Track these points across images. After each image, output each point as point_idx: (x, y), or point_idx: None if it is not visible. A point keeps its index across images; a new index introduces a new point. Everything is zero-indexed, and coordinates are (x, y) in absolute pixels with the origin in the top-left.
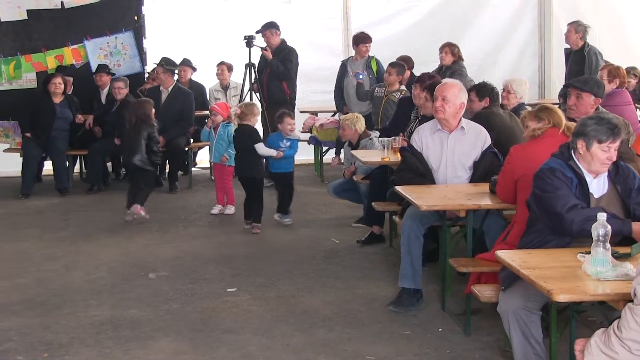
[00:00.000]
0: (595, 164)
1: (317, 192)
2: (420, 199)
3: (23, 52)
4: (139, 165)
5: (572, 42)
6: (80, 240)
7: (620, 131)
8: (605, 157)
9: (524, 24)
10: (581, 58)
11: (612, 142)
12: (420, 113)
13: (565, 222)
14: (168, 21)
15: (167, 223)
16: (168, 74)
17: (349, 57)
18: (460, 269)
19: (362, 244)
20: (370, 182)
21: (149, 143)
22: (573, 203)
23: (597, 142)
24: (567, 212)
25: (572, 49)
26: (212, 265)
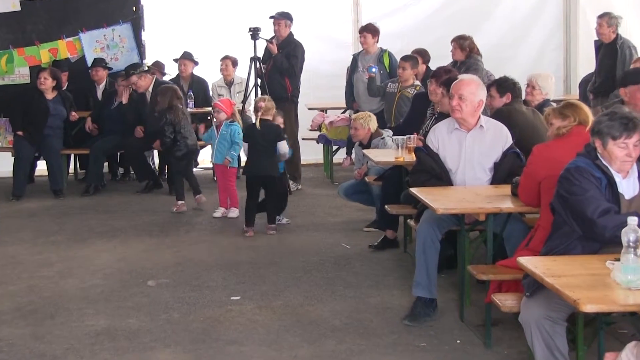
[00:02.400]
0: (615, 162)
1: (327, 194)
2: (436, 201)
3: (16, 46)
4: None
5: (603, 35)
6: (75, 245)
7: (637, 125)
8: (623, 154)
9: (547, 14)
10: (613, 51)
11: (627, 137)
12: (437, 110)
13: (597, 228)
14: (168, 12)
15: (167, 227)
16: (144, 76)
17: (360, 50)
18: (479, 276)
19: (374, 250)
20: (383, 184)
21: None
22: (605, 207)
23: (612, 138)
24: (599, 216)
25: (603, 42)
26: (214, 272)
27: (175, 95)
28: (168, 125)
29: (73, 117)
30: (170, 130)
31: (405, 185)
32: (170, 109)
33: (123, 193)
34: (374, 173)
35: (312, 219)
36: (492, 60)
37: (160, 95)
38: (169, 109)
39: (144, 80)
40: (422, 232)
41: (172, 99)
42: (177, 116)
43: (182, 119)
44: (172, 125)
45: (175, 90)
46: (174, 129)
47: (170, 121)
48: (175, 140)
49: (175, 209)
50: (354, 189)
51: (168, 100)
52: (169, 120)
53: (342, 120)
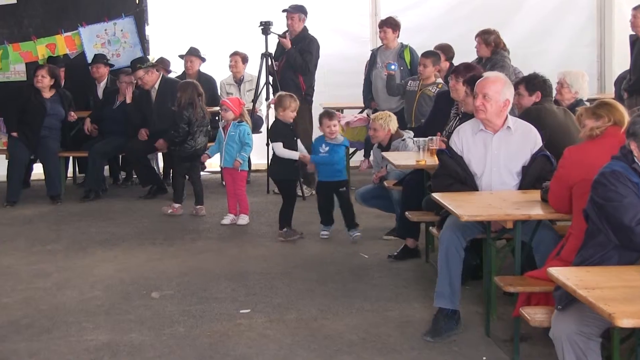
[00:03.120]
0: None
1: None
2: (461, 207)
3: (11, 41)
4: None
5: (638, 28)
6: (74, 255)
7: None
8: None
9: (579, 6)
10: None
11: None
12: (461, 110)
13: (635, 237)
14: (174, 5)
15: (171, 235)
16: (151, 71)
17: (379, 46)
18: (507, 288)
19: (394, 260)
20: (404, 189)
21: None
22: None
23: None
24: (637, 224)
25: (639, 36)
26: (223, 283)
27: (197, 92)
28: (183, 120)
29: (72, 117)
30: (184, 128)
31: (427, 190)
32: (191, 105)
33: (125, 199)
34: (393, 177)
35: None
36: (520, 57)
37: (180, 90)
38: (190, 105)
39: (150, 76)
40: (445, 240)
41: (194, 95)
42: (196, 114)
43: (200, 118)
44: (188, 122)
45: (196, 86)
46: (188, 128)
47: (188, 118)
48: (184, 140)
49: (171, 210)
50: (372, 194)
51: (189, 95)
52: (186, 117)
53: (359, 120)
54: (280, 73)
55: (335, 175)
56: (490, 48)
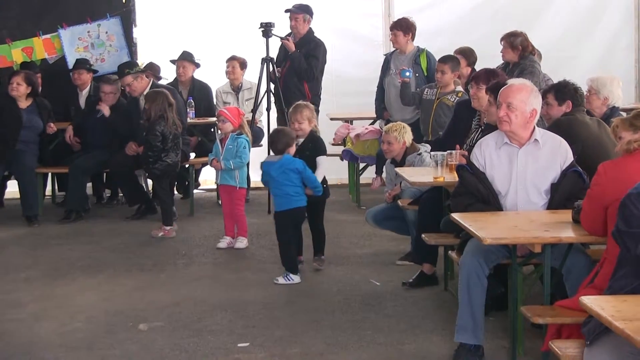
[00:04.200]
0: None
1: (353, 220)
2: (483, 229)
3: None
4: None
5: None
6: (53, 282)
7: None
8: None
9: (615, 7)
10: None
11: None
12: (484, 121)
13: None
14: (164, 5)
15: (162, 260)
16: (141, 77)
17: (393, 50)
18: (535, 319)
19: (409, 287)
20: (420, 209)
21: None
22: None
23: None
24: None
25: None
26: (218, 314)
27: (167, 101)
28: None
29: (51, 129)
30: (157, 145)
31: (445, 210)
32: (162, 118)
33: (110, 219)
34: (408, 195)
35: (335, 251)
36: (550, 62)
37: (149, 101)
38: (161, 118)
39: (139, 82)
40: (466, 266)
41: (164, 106)
42: (169, 127)
43: (173, 131)
44: (162, 138)
45: (166, 96)
46: (162, 144)
47: (162, 133)
48: (158, 157)
49: (162, 233)
50: (385, 215)
51: (159, 106)
52: (159, 131)
53: (370, 132)
54: (283, 80)
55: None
56: (517, 52)
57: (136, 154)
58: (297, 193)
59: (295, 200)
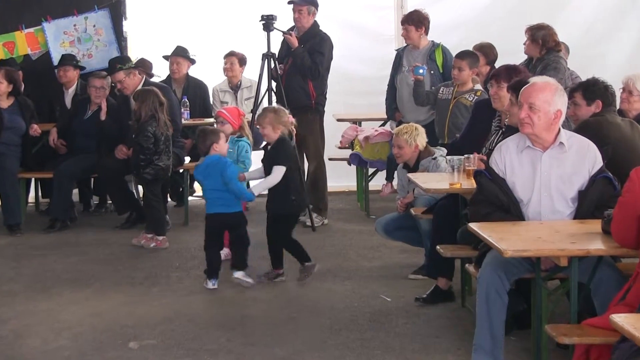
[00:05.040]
0: None
1: (361, 230)
2: (504, 240)
3: None
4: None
5: None
6: (36, 296)
7: None
8: None
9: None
10: None
11: None
12: (504, 122)
13: None
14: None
15: (154, 272)
16: (133, 73)
17: (406, 45)
18: (561, 339)
19: (422, 303)
20: (434, 218)
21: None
22: None
23: None
24: None
25: None
26: (215, 331)
27: (158, 100)
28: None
29: (34, 130)
30: (149, 148)
31: (462, 219)
32: (153, 118)
33: (98, 229)
34: (422, 204)
35: (342, 263)
36: (577, 58)
37: (138, 100)
38: (152, 118)
39: (132, 80)
40: (485, 280)
41: (155, 105)
42: (160, 128)
43: (165, 133)
44: (154, 140)
45: (157, 94)
46: (154, 147)
47: (154, 135)
48: (150, 161)
49: (154, 244)
50: (396, 225)
51: (150, 106)
52: (151, 133)
53: (380, 135)
54: (285, 78)
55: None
56: (541, 47)
57: (126, 158)
58: (220, 197)
59: (219, 204)
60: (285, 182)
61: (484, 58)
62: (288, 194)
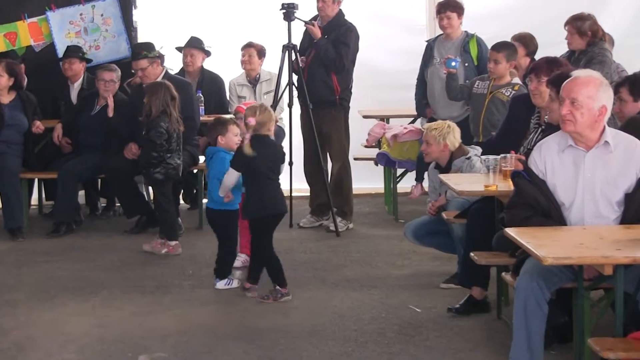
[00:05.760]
0: None
1: (389, 235)
2: (543, 247)
3: None
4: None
5: None
6: (39, 306)
7: None
8: None
9: None
10: None
11: None
12: (544, 119)
13: None
14: None
15: (166, 281)
16: (155, 64)
17: (437, 35)
18: (605, 354)
19: (455, 314)
20: (468, 222)
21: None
22: None
23: None
24: None
25: None
26: (231, 344)
27: (170, 95)
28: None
29: (37, 128)
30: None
31: (498, 224)
32: (165, 114)
33: (105, 233)
34: (455, 207)
35: (368, 271)
36: (624, 50)
37: (149, 93)
38: (164, 114)
39: (155, 69)
40: (523, 289)
41: (167, 99)
42: (172, 124)
43: (175, 129)
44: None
45: (168, 88)
46: (167, 144)
47: (167, 131)
48: (162, 159)
49: (165, 250)
50: (427, 230)
51: (161, 100)
52: (164, 129)
53: (410, 132)
54: (307, 71)
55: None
56: (585, 39)
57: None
58: (213, 190)
59: (210, 199)
60: (256, 185)
61: (523, 49)
62: (261, 197)
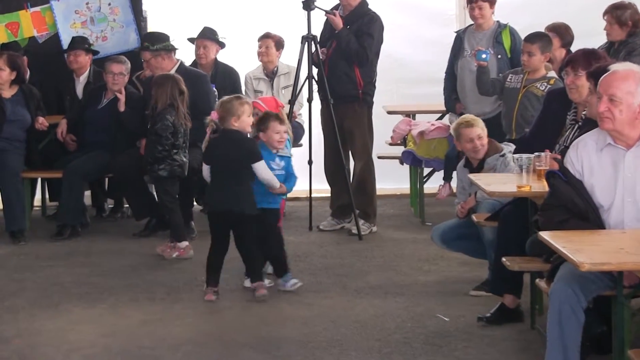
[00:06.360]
0: None
1: (415, 239)
2: (580, 252)
3: None
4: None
5: None
6: (42, 313)
7: None
8: None
9: None
10: None
11: None
12: (582, 115)
13: None
14: None
15: (176, 287)
16: (162, 56)
17: (468, 26)
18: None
19: (486, 323)
20: (500, 225)
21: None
22: None
23: None
24: None
25: None
26: (247, 354)
27: (178, 88)
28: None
29: (41, 124)
30: (167, 138)
31: (532, 227)
32: (172, 107)
33: (113, 237)
34: (485, 209)
35: (393, 277)
36: None
37: (155, 86)
38: (171, 107)
39: (160, 62)
40: (558, 297)
41: (174, 93)
42: (179, 118)
43: (183, 124)
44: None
45: (176, 82)
46: (173, 138)
47: (173, 125)
48: (168, 155)
49: (176, 253)
50: (456, 233)
51: (169, 93)
52: (170, 122)
53: (437, 129)
54: (328, 63)
55: (277, 199)
56: (625, 29)
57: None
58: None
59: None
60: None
61: (558, 40)
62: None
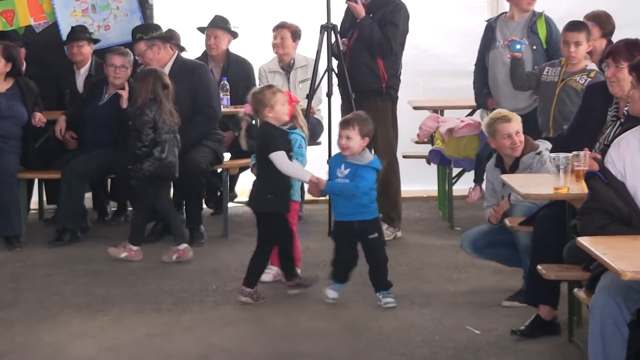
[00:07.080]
0: None
1: (444, 245)
2: (622, 259)
3: None
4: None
5: None
6: (39, 325)
7: None
8: None
9: None
10: None
11: None
12: (624, 111)
13: None
14: None
15: (185, 297)
16: (158, 46)
17: (500, 14)
18: None
19: (520, 336)
20: (535, 231)
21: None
22: None
23: None
24: None
25: None
26: None
27: (161, 83)
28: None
29: (38, 120)
30: (148, 134)
31: (570, 232)
32: (154, 102)
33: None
34: (520, 212)
35: (419, 286)
36: None
37: (138, 81)
38: (153, 102)
39: (157, 53)
40: (600, 309)
41: (157, 87)
42: (162, 114)
43: (167, 120)
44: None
45: (160, 76)
46: (154, 134)
47: (153, 120)
48: (149, 152)
49: (176, 255)
50: (488, 240)
51: (150, 87)
52: (150, 117)
53: (467, 126)
54: (349, 55)
55: (358, 212)
56: None
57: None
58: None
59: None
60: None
61: (598, 30)
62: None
